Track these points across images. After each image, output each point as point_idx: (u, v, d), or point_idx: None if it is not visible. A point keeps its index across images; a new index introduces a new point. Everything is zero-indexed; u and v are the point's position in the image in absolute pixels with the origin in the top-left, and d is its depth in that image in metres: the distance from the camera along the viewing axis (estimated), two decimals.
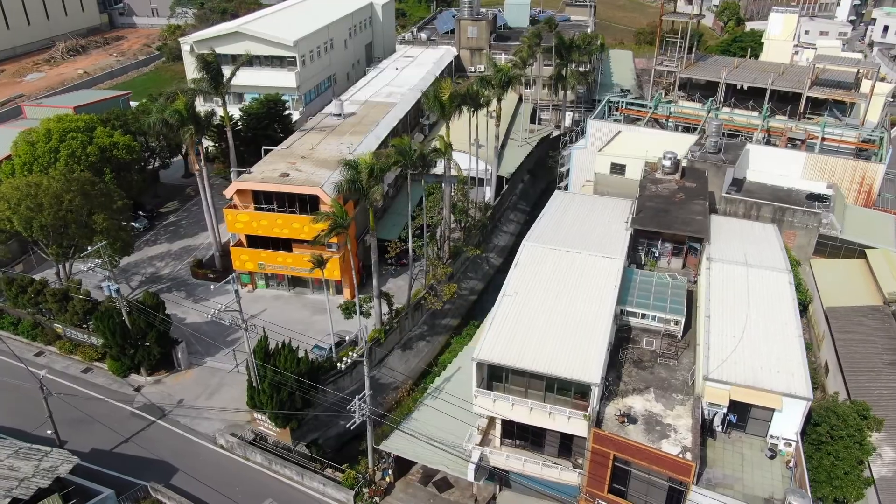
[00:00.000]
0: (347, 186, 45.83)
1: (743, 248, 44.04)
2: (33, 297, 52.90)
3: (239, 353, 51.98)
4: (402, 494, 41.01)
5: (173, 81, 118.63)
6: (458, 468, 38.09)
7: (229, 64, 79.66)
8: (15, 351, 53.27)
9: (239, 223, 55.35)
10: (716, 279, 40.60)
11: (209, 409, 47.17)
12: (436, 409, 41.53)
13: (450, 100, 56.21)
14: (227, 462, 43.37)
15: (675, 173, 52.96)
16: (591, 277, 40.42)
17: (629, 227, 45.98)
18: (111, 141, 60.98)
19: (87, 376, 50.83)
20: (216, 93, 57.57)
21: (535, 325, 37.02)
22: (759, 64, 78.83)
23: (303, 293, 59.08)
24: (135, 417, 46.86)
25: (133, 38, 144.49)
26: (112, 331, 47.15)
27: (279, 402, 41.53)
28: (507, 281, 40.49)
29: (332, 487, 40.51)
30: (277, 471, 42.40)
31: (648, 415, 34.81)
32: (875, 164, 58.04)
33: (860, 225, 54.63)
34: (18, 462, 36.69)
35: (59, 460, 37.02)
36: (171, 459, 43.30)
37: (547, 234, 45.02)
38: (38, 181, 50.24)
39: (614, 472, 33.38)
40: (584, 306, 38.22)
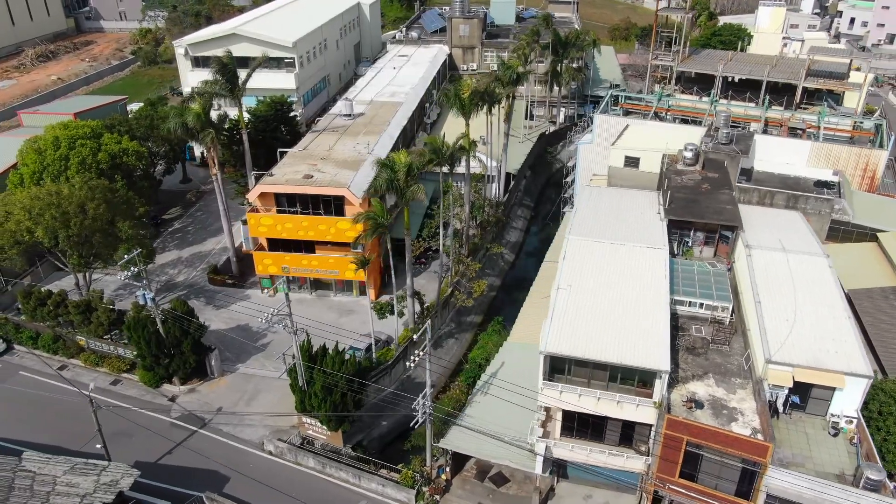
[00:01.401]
0: (385, 186, 45.70)
1: (776, 235, 45.31)
2: (53, 309, 51.44)
3: (273, 358, 51.58)
4: (460, 491, 41.13)
5: (152, 86, 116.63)
6: (523, 461, 38.43)
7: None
8: (36, 366, 51.92)
9: (262, 227, 54.65)
10: (758, 266, 41.70)
11: (250, 416, 46.54)
12: (488, 404, 41.73)
13: (469, 98, 56.52)
14: (278, 468, 42.88)
15: (696, 164, 54.18)
16: (639, 268, 41.17)
17: (664, 217, 46.88)
18: (120, 147, 59.57)
19: (118, 388, 49.64)
20: (231, 95, 56.69)
21: (594, 316, 37.56)
22: (751, 56, 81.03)
23: (325, 295, 58.65)
24: (175, 428, 45.97)
25: (103, 43, 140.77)
26: (147, 340, 46.14)
27: (332, 405, 41.22)
28: (559, 274, 40.93)
29: (391, 488, 40.41)
30: (332, 474, 42.10)
31: (713, 399, 35.64)
32: (878, 151, 60.19)
33: (869, 209, 56.53)
34: (77, 478, 35.72)
35: (120, 474, 36.15)
36: (220, 468, 42.61)
37: (587, 227, 45.62)
38: (57, 189, 48.85)
39: (685, 457, 34.12)
40: (638, 296, 38.92)
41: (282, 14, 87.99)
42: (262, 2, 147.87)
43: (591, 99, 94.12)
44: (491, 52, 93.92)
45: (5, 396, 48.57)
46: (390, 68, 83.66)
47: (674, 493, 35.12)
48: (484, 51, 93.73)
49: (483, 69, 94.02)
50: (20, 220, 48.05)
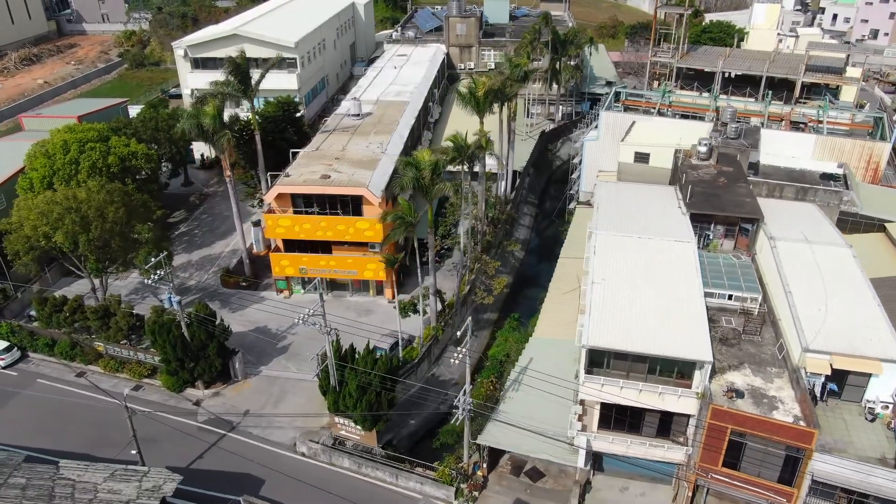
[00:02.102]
0: (412, 184, 45.70)
1: (797, 227, 46.14)
2: (69, 315, 50.67)
3: (296, 360, 51.35)
4: (497, 487, 41.29)
5: (141, 88, 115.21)
6: (564, 455, 38.72)
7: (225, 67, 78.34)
8: (54, 373, 51.16)
9: (280, 228, 54.31)
10: (784, 257, 42.41)
11: (278, 418, 46.26)
12: (520, 400, 41.94)
13: (485, 96, 56.72)
14: (313, 469, 42.67)
15: (710, 159, 54.90)
16: (669, 261, 41.69)
17: (685, 211, 47.47)
18: (128, 150, 58.81)
19: (139, 394, 48.94)
20: (245, 96, 56.26)
21: (631, 309, 37.98)
22: (748, 52, 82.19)
23: (341, 296, 58.44)
24: (203, 432, 45.53)
25: (87, 46, 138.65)
26: (172, 344, 45.62)
27: (368, 404, 41.14)
28: (592, 269, 41.27)
29: (430, 486, 40.43)
30: (368, 474, 42.00)
31: (751, 389, 36.19)
32: (882, 143, 61.47)
33: (875, 200, 57.70)
34: (118, 485, 35.26)
35: (162, 479, 35.74)
36: (253, 471, 42.30)
37: (612, 221, 46.03)
38: (74, 194, 48.12)
39: (728, 445, 34.64)
40: (672, 288, 39.43)
41: (280, 14, 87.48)
42: (246, 3, 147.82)
43: (588, 96, 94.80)
44: (488, 51, 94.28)
45: (27, 405, 47.76)
46: (391, 67, 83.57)
47: (716, 481, 35.65)
48: (481, 50, 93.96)
49: (480, 68, 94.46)
50: (37, 226, 47.25)
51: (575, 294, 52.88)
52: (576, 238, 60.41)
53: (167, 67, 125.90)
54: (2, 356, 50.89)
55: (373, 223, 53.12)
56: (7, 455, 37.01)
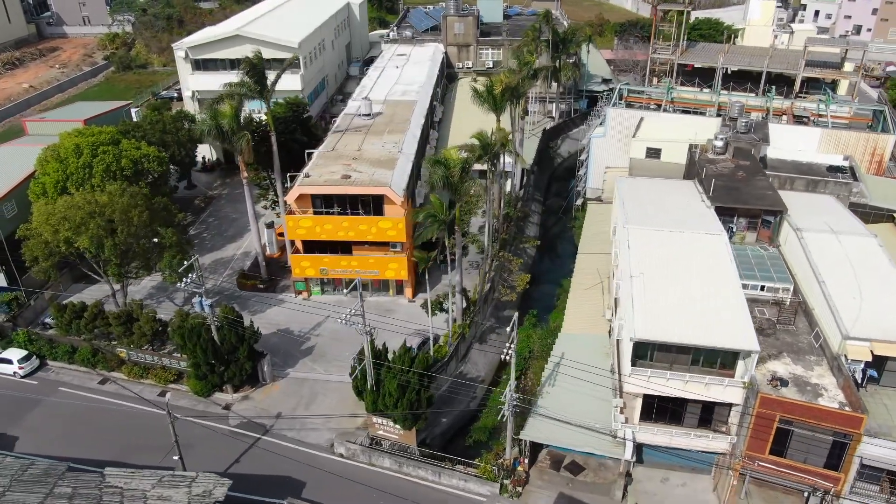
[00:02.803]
0: (442, 183, 45.73)
1: (819, 218, 47.04)
2: (90, 321, 49.82)
3: (322, 361, 51.07)
4: (539, 482, 41.48)
5: (130, 91, 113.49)
6: (609, 448, 39.06)
7: (227, 69, 77.90)
8: (76, 381, 50.30)
9: (301, 229, 53.92)
10: (813, 247, 43.22)
11: (311, 420, 45.95)
12: (557, 395, 42.20)
13: (501, 93, 56.94)
14: (353, 470, 42.46)
15: (726, 153, 55.75)
16: (703, 253, 42.28)
17: (710, 204, 48.15)
18: (140, 153, 57.95)
19: (166, 399, 48.28)
20: (261, 97, 55.73)
21: (673, 301, 38.43)
22: (745, 48, 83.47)
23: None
24: (236, 436, 45.05)
25: (70, 49, 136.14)
26: (203, 348, 45.09)
27: (408, 403, 41.08)
28: (628, 263, 41.62)
29: (474, 483, 40.50)
30: (409, 473, 41.92)
31: (794, 377, 36.84)
32: (886, 136, 62.92)
33: (882, 191, 59.07)
34: (168, 491, 34.77)
35: (212, 484, 35.30)
36: (293, 474, 41.98)
37: (641, 216, 46.50)
38: (95, 198, 47.33)
39: (775, 433, 35.24)
40: (709, 280, 39.99)
41: (279, 14, 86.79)
42: (230, 4, 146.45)
43: (586, 94, 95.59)
44: (486, 50, 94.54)
45: (52, 413, 46.92)
46: (393, 67, 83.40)
47: (763, 469, 36.23)
48: (479, 48, 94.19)
49: (478, 67, 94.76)
50: (58, 230, 46.39)
51: (597, 289, 53.47)
52: (592, 234, 61.03)
53: (155, 70, 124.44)
54: (21, 365, 49.87)
55: (396, 222, 53.03)
56: (50, 464, 36.30)
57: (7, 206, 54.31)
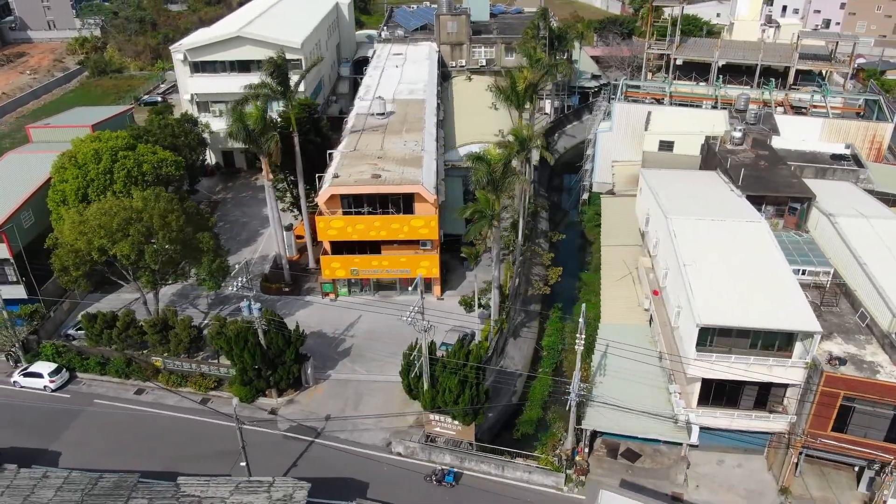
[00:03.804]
0: (486, 180, 45.98)
1: (847, 203, 48.81)
2: (122, 331, 48.62)
3: (361, 362, 50.82)
4: (599, 470, 42.10)
5: (108, 97, 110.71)
6: (673, 434, 39.95)
7: (227, 71, 76.78)
8: (110, 392, 49.09)
9: (332, 229, 53.50)
10: (847, 232, 44.84)
11: (362, 421, 45.67)
12: (609, 385, 42.88)
13: (524, 90, 57.47)
14: (414, 468, 42.41)
15: (743, 144, 57.34)
16: (748, 240, 43.47)
17: (741, 193, 49.49)
18: (157, 158, 56.72)
19: (209, 407, 47.49)
20: (284, 97, 55.10)
21: (729, 287, 39.42)
22: (735, 42, 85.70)
23: (388, 296, 57.99)
24: (288, 440, 44.56)
25: (38, 54, 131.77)
26: (251, 352, 44.45)
27: (470, 398, 41.25)
28: (678, 252, 42.41)
29: (538, 474, 40.89)
30: (471, 468, 42.09)
31: (848, 356, 38.19)
32: (885, 124, 65.59)
33: (885, 177, 61.49)
34: (247, 497, 34.30)
35: (291, 488, 34.94)
36: (355, 475, 41.72)
37: (679, 207, 47.43)
38: (130, 203, 46.22)
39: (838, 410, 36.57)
40: (759, 266, 41.19)
41: (274, 15, 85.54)
42: (201, 7, 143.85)
43: (578, 90, 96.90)
44: (478, 48, 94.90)
45: (91, 426, 45.72)
46: (392, 67, 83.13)
47: (826, 446, 37.55)
48: (472, 47, 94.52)
49: (472, 65, 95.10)
50: (92, 238, 45.13)
51: (627, 280, 54.47)
52: (612, 227, 62.04)
53: (132, 75, 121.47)
54: (52, 378, 48.36)
55: (428, 220, 53.07)
56: (119, 477, 35.41)
57: (24, 215, 52.52)
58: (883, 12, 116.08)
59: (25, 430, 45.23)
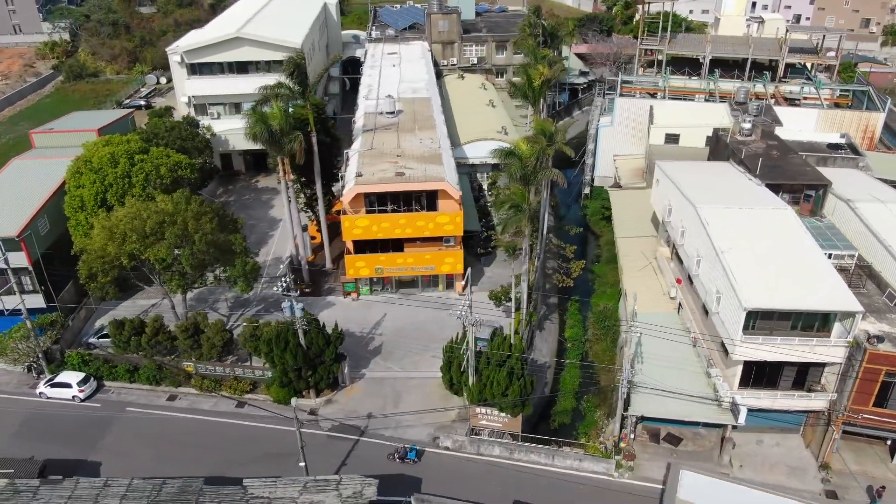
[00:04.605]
0: (518, 175, 46.51)
1: (861, 189, 50.72)
2: (152, 337, 47.77)
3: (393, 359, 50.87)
4: (645, 455, 43.02)
5: (87, 102, 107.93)
6: (718, 416, 41.07)
7: (225, 73, 75.91)
8: (141, 399, 48.21)
9: (357, 228, 53.40)
10: (868, 216, 46.65)
11: (405, 417, 45.71)
12: (649, 372, 43.78)
13: (540, 85, 58.19)
14: (463, 462, 42.69)
15: (752, 135, 59.04)
16: (777, 226, 44.85)
17: (760, 182, 51.00)
18: (172, 161, 55.84)
19: (246, 410, 47.02)
20: (302, 97, 54.78)
21: (768, 271, 40.61)
22: (724, 38, 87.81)
23: (410, 293, 58.11)
24: (333, 440, 44.39)
25: (6, 60, 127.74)
26: (293, 353, 44.17)
27: (519, 389, 41.76)
28: (710, 240, 43.49)
29: (589, 461, 41.59)
30: (521, 458, 42.59)
31: (885, 334, 39.81)
32: (877, 114, 68.28)
33: (883, 165, 63.97)
34: (317, 496, 34.15)
35: (359, 485, 34.88)
36: (405, 471, 41.84)
37: (706, 196, 48.59)
38: (162, 206, 45.49)
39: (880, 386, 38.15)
40: (792, 251, 42.59)
41: (268, 15, 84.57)
42: (173, 9, 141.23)
43: (568, 87, 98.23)
44: (469, 47, 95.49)
45: (127, 434, 44.85)
46: (389, 66, 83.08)
47: (866, 421, 39.09)
48: (463, 45, 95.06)
49: (463, 63, 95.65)
50: (123, 243, 44.28)
51: (648, 270, 55.67)
52: (624, 219, 63.25)
53: (109, 79, 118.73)
54: (81, 388, 47.26)
55: (453, 216, 53.40)
56: (183, 482, 34.88)
57: (40, 222, 51.16)
58: (850, 7, 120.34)
59: (60, 442, 44.13)
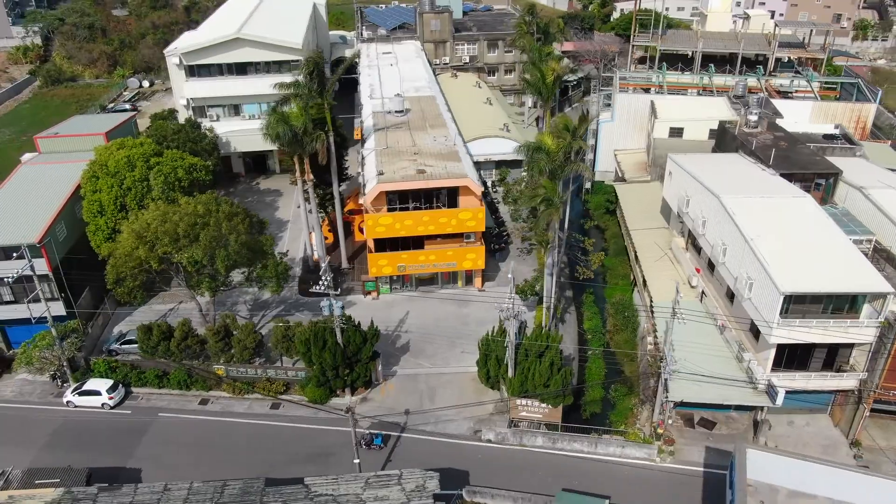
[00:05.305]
0: (546, 169, 47.10)
1: (870, 177, 52.57)
2: (181, 341, 47.21)
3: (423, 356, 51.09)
4: (682, 440, 44.00)
5: (68, 107, 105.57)
6: (753, 399, 42.27)
7: (224, 74, 75.22)
8: (173, 405, 47.60)
9: (380, 227, 53.43)
10: (883, 202, 48.39)
11: (443, 412, 45.92)
12: (680, 359, 44.78)
13: (553, 82, 58.94)
14: (507, 453, 43.15)
15: (758, 127, 60.68)
16: (800, 214, 46.29)
17: (774, 172, 52.51)
18: (187, 163, 55.19)
19: (281, 412, 46.77)
20: (321, 97, 54.59)
21: (796, 257, 41.85)
22: (713, 34, 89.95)
23: (430, 290, 58.37)
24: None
25: None
26: (332, 352, 44.11)
27: (561, 380, 42.40)
28: (739, 227, 44.68)
29: (631, 448, 42.38)
30: (564, 447, 43.19)
31: None
32: (869, 105, 70.74)
33: (874, 153, 66.35)
34: (381, 491, 34.30)
35: (421, 479, 35.12)
36: (452, 465, 42.05)
37: (726, 187, 49.80)
38: (193, 209, 45.01)
39: None
40: (818, 236, 44.02)
41: (261, 16, 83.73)
42: (147, 11, 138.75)
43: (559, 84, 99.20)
44: (461, 46, 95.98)
45: (166, 440, 44.25)
46: (387, 65, 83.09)
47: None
48: (455, 44, 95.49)
49: (455, 62, 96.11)
50: (154, 245, 43.71)
51: (664, 260, 56.89)
52: (635, 212, 64.38)
53: (89, 83, 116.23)
54: (110, 395, 46.47)
55: (475, 212, 53.82)
56: (244, 482, 34.70)
57: (58, 228, 50.09)
58: (822, 3, 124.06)
59: (95, 450, 43.35)
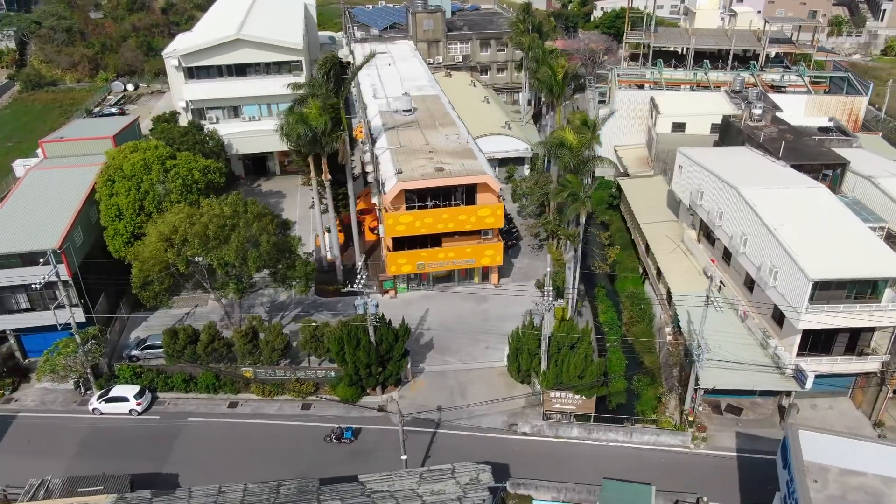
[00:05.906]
0: (570, 164, 47.76)
1: (876, 166, 54.24)
2: (208, 344, 46.77)
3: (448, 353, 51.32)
4: (713, 426, 44.93)
5: (51, 111, 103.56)
6: (781, 383, 43.37)
7: (224, 76, 74.59)
8: (202, 409, 47.16)
9: (400, 225, 53.53)
10: (893, 191, 50.01)
11: (475, 407, 46.21)
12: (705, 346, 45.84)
13: (563, 79, 59.65)
14: (544, 445, 43.64)
15: (762, 120, 62.15)
16: (814, 203, 47.59)
17: (785, 163, 53.86)
18: (201, 165, 54.67)
19: (313, 412, 46.61)
20: (337, 97, 54.48)
21: (819, 245, 43.07)
22: (703, 30, 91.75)
23: (447, 288, 58.61)
24: (411, 434, 44.26)
25: None
26: (366, 350, 44.12)
27: (596, 370, 43.03)
28: (761, 218, 45.77)
29: (666, 435, 43.17)
30: (600, 437, 43.81)
31: None
32: (861, 98, 72.87)
33: (873, 145, 68.35)
34: (436, 485, 34.47)
35: (474, 472, 35.35)
36: (490, 458, 42.14)
37: (742, 178, 50.89)
38: (220, 211, 44.63)
39: None
40: (837, 224, 45.34)
41: (257, 17, 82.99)
42: (122, 13, 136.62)
43: None
44: (454, 45, 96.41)
45: (198, 444, 43.90)
46: (386, 65, 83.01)
47: None
48: (448, 44, 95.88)
49: (448, 61, 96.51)
50: (181, 248, 43.26)
51: (677, 252, 57.94)
52: (642, 206, 65.33)
53: (70, 87, 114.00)
54: (138, 401, 45.82)
55: (494, 209, 54.22)
56: (298, 482, 34.58)
57: (76, 233, 49.18)
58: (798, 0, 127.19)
59: (129, 456, 42.75)
